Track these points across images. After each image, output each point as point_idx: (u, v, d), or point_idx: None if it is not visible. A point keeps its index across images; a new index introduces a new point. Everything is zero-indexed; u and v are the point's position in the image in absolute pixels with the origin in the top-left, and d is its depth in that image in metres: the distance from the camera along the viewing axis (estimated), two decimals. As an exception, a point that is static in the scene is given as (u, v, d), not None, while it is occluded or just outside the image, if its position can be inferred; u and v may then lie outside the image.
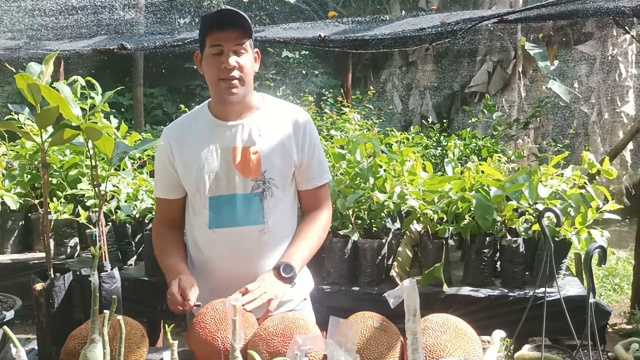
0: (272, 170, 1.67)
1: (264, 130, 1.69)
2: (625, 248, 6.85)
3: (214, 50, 1.60)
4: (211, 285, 1.68)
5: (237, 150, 1.66)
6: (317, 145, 1.75)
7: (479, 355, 1.31)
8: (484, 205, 2.36)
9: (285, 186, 1.71)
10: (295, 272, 1.61)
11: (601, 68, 9.09)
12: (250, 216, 1.67)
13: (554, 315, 1.75)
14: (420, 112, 10.63)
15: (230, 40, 1.58)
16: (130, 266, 2.88)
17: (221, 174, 1.66)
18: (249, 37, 1.61)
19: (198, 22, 7.03)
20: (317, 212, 1.78)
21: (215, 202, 1.67)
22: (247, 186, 1.66)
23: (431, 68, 10.74)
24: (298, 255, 1.66)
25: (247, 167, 1.66)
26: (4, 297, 1.69)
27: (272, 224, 1.69)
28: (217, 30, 1.58)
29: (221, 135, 1.69)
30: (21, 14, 5.53)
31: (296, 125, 1.72)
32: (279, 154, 1.68)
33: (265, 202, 1.67)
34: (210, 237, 1.70)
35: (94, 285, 1.32)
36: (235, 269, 1.67)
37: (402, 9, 10.53)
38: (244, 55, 1.61)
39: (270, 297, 1.52)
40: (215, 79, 1.62)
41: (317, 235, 1.74)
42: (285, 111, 1.75)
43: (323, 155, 1.80)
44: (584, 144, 9.12)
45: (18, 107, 1.80)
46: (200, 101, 9.87)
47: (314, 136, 1.75)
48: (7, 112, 6.97)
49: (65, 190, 3.04)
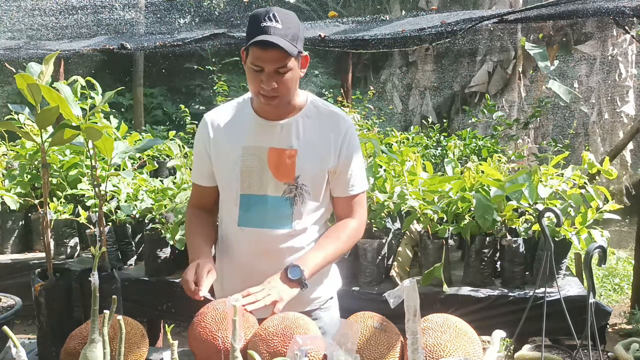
0: (306, 177, 1.63)
1: (302, 134, 1.64)
2: (625, 248, 6.85)
3: (254, 67, 1.52)
4: (240, 282, 1.67)
5: (272, 151, 1.63)
6: (355, 153, 1.69)
7: (479, 355, 1.31)
8: (484, 205, 2.36)
9: (318, 193, 1.67)
10: (303, 274, 1.56)
11: (601, 68, 9.09)
12: (279, 219, 1.65)
13: (554, 315, 1.75)
14: (420, 112, 10.63)
15: (271, 62, 1.49)
16: (130, 266, 2.88)
17: (254, 173, 1.64)
18: (294, 55, 1.50)
19: (198, 22, 7.04)
20: (346, 221, 1.72)
21: (246, 200, 1.66)
22: (279, 189, 1.64)
23: (431, 68, 10.74)
24: (311, 259, 1.61)
25: (280, 170, 1.63)
26: (4, 297, 1.69)
27: (301, 229, 1.66)
28: (259, 48, 1.48)
29: (259, 133, 1.65)
30: (21, 14, 5.53)
31: (337, 131, 1.66)
32: (314, 160, 1.64)
33: (295, 207, 1.64)
34: (238, 234, 1.69)
35: (94, 285, 1.32)
36: (261, 268, 1.65)
37: (402, 9, 10.53)
38: (287, 74, 1.52)
39: (274, 299, 1.49)
40: (255, 90, 1.56)
41: (339, 242, 1.68)
42: (327, 115, 1.69)
43: (361, 164, 1.74)
44: (584, 144, 9.12)
45: (18, 107, 1.80)
46: (200, 101, 9.72)
47: (353, 143, 1.69)
48: (7, 112, 6.97)
49: (65, 190, 3.04)
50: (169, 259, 2.71)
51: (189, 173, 3.04)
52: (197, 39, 5.01)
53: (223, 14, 6.98)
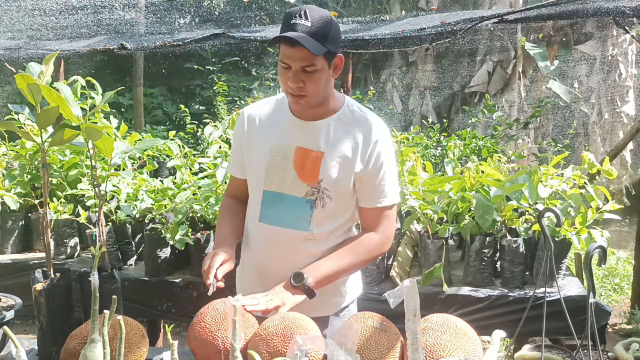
0: (329, 181, 1.60)
1: (332, 137, 1.61)
2: (625, 248, 6.85)
3: (283, 64, 1.51)
4: (258, 278, 1.68)
5: (299, 150, 1.62)
6: (386, 163, 1.63)
7: (479, 355, 1.31)
8: (484, 205, 2.36)
9: (341, 200, 1.63)
10: (307, 282, 1.53)
11: (601, 68, 9.08)
12: (297, 220, 1.63)
13: (554, 315, 1.75)
14: (420, 112, 10.62)
15: (298, 60, 1.47)
16: (130, 266, 2.88)
17: (279, 170, 1.63)
18: (317, 54, 1.47)
19: (198, 22, 7.04)
20: (369, 235, 1.66)
21: (269, 197, 1.65)
22: (301, 190, 1.62)
23: (431, 68, 10.73)
24: (321, 268, 1.58)
25: (305, 171, 1.61)
26: (4, 297, 1.69)
27: (318, 233, 1.63)
28: (285, 45, 1.47)
29: (290, 132, 1.64)
30: (21, 14, 5.54)
31: (367, 137, 1.61)
32: (340, 165, 1.60)
33: (315, 210, 1.62)
34: (258, 230, 1.69)
35: (94, 285, 1.32)
36: (276, 268, 1.64)
37: (402, 9, 10.52)
38: (314, 73, 1.50)
39: (277, 304, 1.48)
40: (284, 87, 1.56)
41: (354, 257, 1.63)
42: (361, 120, 1.64)
43: (393, 176, 1.66)
44: (584, 144, 9.11)
45: (18, 107, 1.80)
46: (200, 101, 9.71)
47: (385, 153, 1.63)
48: (7, 112, 6.97)
49: (65, 190, 3.04)
50: (169, 259, 2.71)
51: (189, 173, 3.05)
52: (197, 39, 5.01)
53: (223, 14, 6.98)
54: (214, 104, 7.12)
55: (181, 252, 2.66)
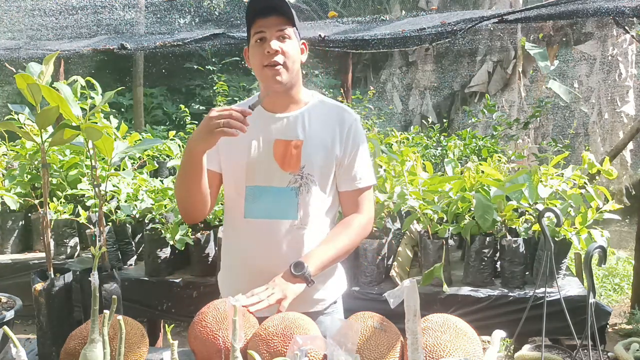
0: (312, 167, 1.66)
1: (308, 125, 1.68)
2: (625, 248, 6.85)
3: (257, 36, 1.60)
4: (249, 278, 1.67)
5: (278, 142, 1.66)
6: (361, 147, 1.72)
7: (479, 355, 1.31)
8: (484, 205, 2.36)
9: (325, 185, 1.69)
10: (308, 270, 1.56)
11: (601, 68, 9.08)
12: (284, 209, 1.66)
13: (554, 315, 1.75)
14: (420, 112, 10.63)
15: (273, 26, 1.58)
16: (130, 266, 2.88)
17: (260, 165, 1.66)
18: (293, 24, 1.61)
19: (198, 22, 7.04)
20: (354, 216, 1.73)
21: (252, 191, 1.67)
22: (284, 179, 1.65)
23: (431, 68, 10.74)
24: (317, 254, 1.62)
25: (286, 161, 1.65)
26: (4, 297, 1.69)
27: (306, 219, 1.67)
28: (260, 18, 1.59)
29: (265, 126, 1.68)
30: (21, 14, 5.54)
31: (342, 123, 1.71)
32: (320, 150, 1.67)
33: (300, 197, 1.66)
34: (244, 227, 1.70)
35: (94, 285, 1.32)
36: (270, 261, 1.65)
37: (402, 9, 10.53)
38: (287, 42, 1.60)
39: (279, 298, 1.48)
40: (260, 66, 1.61)
41: (345, 238, 1.68)
42: (333, 108, 1.74)
43: (368, 159, 1.76)
44: (584, 144, 9.11)
45: (18, 107, 1.80)
46: (200, 101, 9.73)
47: (359, 136, 1.72)
48: (7, 112, 6.98)
49: (65, 190, 3.04)
50: (169, 259, 2.71)
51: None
52: (197, 39, 5.01)
53: (223, 14, 6.98)
54: (214, 104, 7.11)
55: (181, 252, 2.66)
